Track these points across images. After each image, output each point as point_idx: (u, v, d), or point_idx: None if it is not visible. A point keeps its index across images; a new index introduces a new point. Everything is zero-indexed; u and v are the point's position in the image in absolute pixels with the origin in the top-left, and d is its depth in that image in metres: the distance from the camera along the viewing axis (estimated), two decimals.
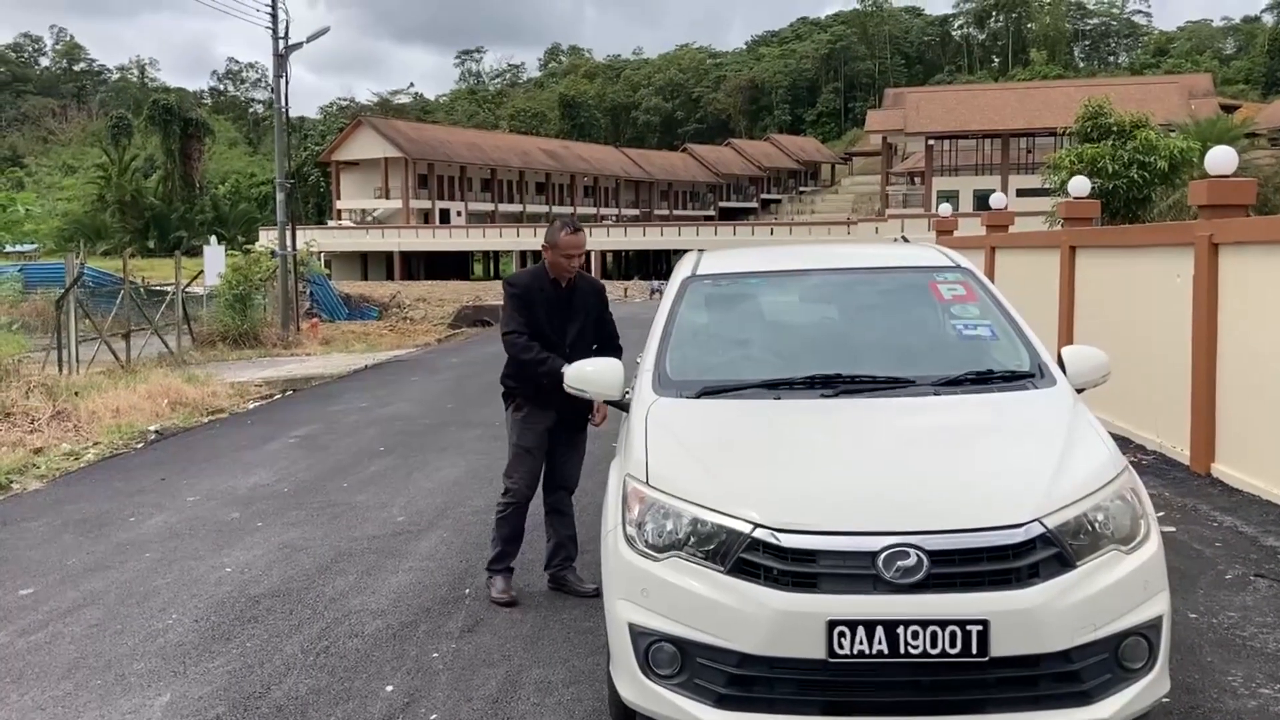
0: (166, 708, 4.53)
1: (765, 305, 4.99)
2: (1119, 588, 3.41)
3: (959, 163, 68.95)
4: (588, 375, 4.51)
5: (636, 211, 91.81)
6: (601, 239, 67.36)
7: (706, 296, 4.94)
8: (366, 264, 70.81)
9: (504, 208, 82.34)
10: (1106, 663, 3.39)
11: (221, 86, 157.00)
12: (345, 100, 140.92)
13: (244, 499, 8.48)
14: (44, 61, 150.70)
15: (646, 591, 3.56)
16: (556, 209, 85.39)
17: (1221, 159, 8.59)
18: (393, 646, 5.16)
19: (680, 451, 3.84)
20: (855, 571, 3.33)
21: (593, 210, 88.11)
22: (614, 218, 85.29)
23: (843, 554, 3.35)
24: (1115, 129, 21.54)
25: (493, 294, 43.16)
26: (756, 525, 3.42)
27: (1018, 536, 3.34)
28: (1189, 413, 8.67)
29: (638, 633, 3.56)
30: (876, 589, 3.31)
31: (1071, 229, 11.84)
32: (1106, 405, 10.73)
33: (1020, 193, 61.39)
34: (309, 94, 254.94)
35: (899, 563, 3.30)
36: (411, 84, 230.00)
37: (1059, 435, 3.79)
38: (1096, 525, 3.49)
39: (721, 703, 3.41)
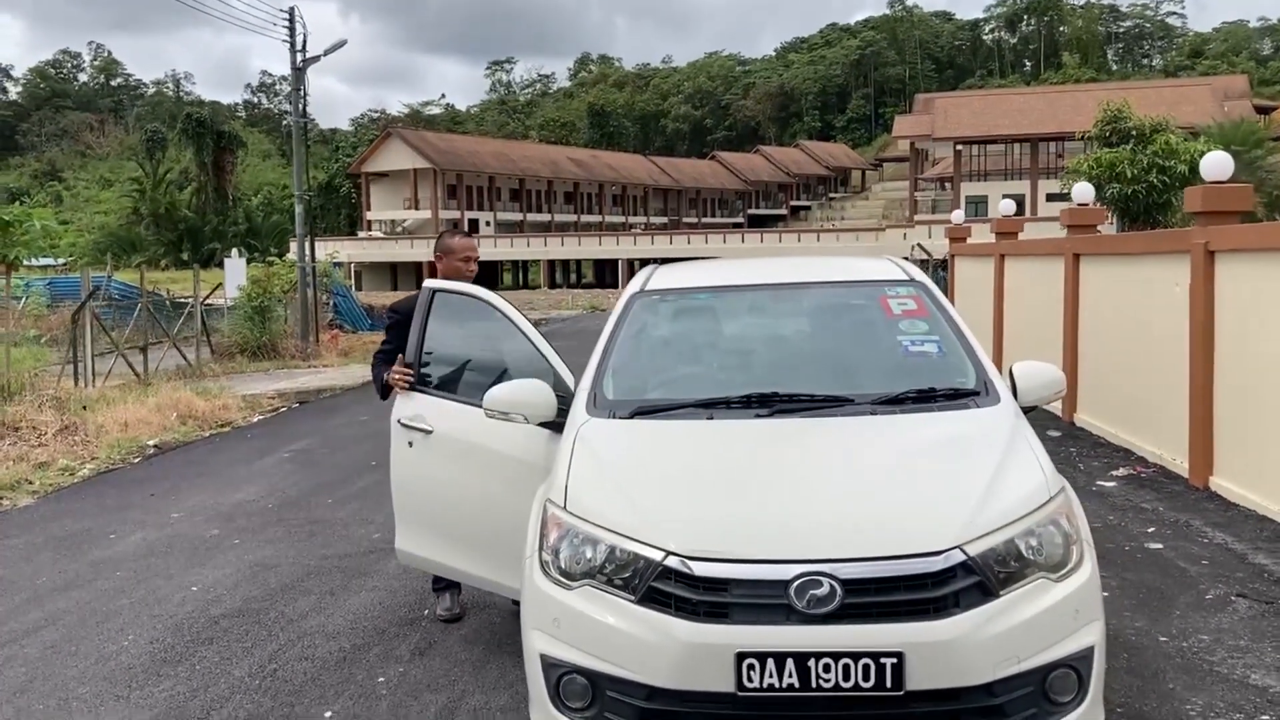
0: None
1: (710, 321, 4.86)
2: (1046, 618, 3.27)
3: (988, 168, 68.37)
4: (508, 398, 4.34)
5: (665, 220, 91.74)
6: (629, 247, 67.33)
7: (651, 312, 4.83)
8: (396, 275, 71.18)
9: (532, 217, 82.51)
10: (1032, 696, 3.25)
11: (255, 99, 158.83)
12: (376, 112, 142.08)
13: (227, 515, 8.44)
14: (82, 77, 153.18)
15: (558, 621, 3.45)
16: (585, 218, 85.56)
17: (1216, 165, 8.38)
18: (341, 670, 5.08)
19: (601, 476, 3.74)
20: (767, 601, 3.21)
21: (621, 219, 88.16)
22: (642, 226, 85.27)
23: (754, 583, 3.24)
24: (1135, 133, 21.20)
25: (517, 303, 43.14)
26: (669, 553, 3.31)
27: (936, 565, 3.21)
28: (1187, 425, 8.45)
29: (549, 664, 3.46)
30: (789, 619, 3.19)
31: (1075, 236, 11.62)
32: (1110, 417, 10.56)
33: (1050, 197, 60.75)
34: (342, 105, 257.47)
35: (811, 592, 3.18)
36: (443, 95, 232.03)
37: (993, 457, 3.65)
38: (1025, 552, 3.35)
39: None
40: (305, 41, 25.80)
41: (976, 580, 3.23)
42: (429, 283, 5.20)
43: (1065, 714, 3.29)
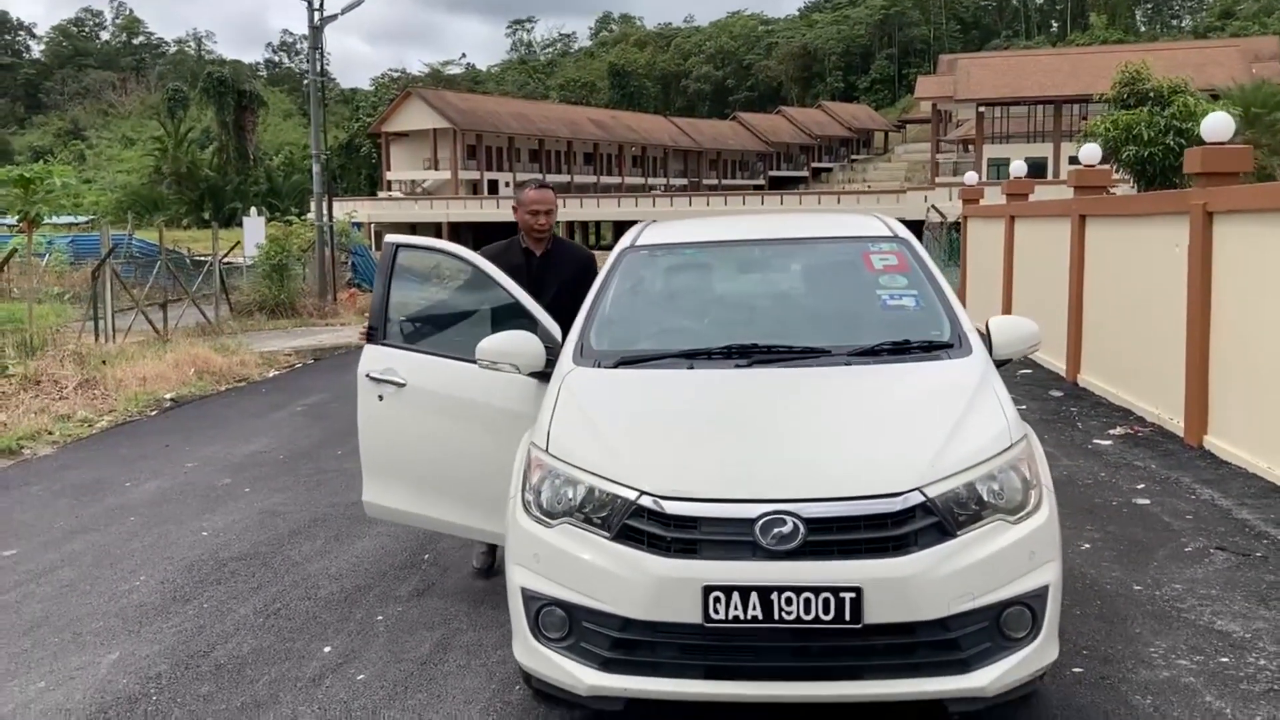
0: (113, 665, 4.70)
1: (697, 275, 5.00)
2: (1002, 557, 3.41)
3: (1010, 130, 67.69)
4: (499, 349, 4.47)
5: (685, 181, 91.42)
6: (649, 209, 67.23)
7: (641, 267, 4.97)
8: (415, 234, 71.25)
9: (552, 178, 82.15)
10: (986, 632, 3.40)
11: (276, 58, 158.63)
12: (397, 71, 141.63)
13: (238, 465, 8.67)
14: (104, 35, 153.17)
15: (538, 557, 3.63)
16: (604, 179, 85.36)
17: (1216, 126, 8.41)
18: (341, 609, 5.29)
19: (582, 421, 3.89)
20: (734, 538, 3.37)
21: (641, 180, 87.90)
22: (662, 187, 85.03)
23: (722, 521, 3.39)
24: (1153, 95, 21.05)
25: None
26: (642, 493, 3.47)
27: (896, 505, 3.36)
28: (1183, 385, 8.54)
29: (529, 596, 3.63)
30: (754, 555, 3.35)
31: (1082, 198, 11.65)
32: (1112, 377, 10.65)
33: (1072, 160, 60.27)
34: (362, 64, 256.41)
35: (775, 530, 3.33)
36: (463, 54, 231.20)
37: (959, 405, 3.78)
38: (985, 495, 3.49)
39: (606, 666, 3.49)
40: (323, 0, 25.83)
41: (935, 521, 3.38)
42: (390, 238, 5.31)
43: (1019, 649, 3.44)
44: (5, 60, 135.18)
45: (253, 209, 36.53)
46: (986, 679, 3.37)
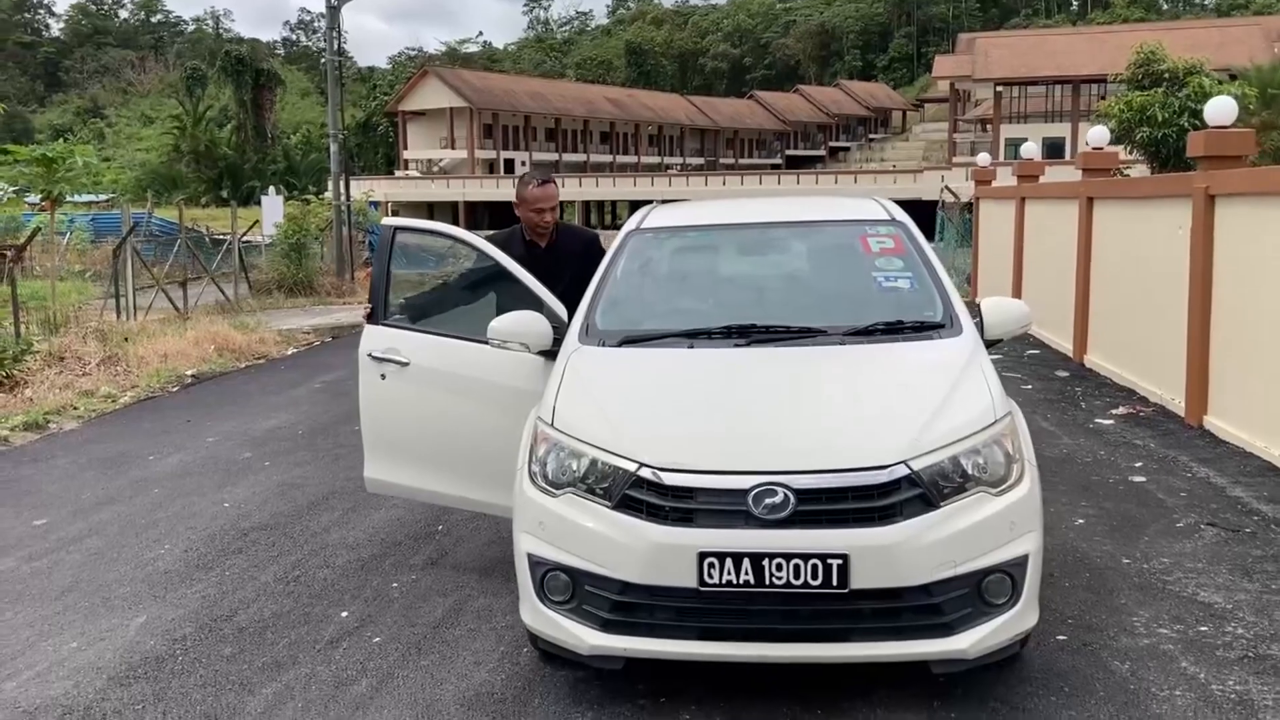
0: (140, 627, 4.93)
1: (700, 257, 5.18)
2: (983, 528, 3.59)
3: (1028, 110, 67.36)
4: (510, 328, 4.65)
5: (702, 161, 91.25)
6: (664, 188, 67.18)
7: (645, 249, 5.14)
8: (432, 214, 71.40)
9: (568, 157, 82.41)
10: (968, 598, 3.58)
11: (294, 37, 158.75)
12: (414, 50, 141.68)
13: (259, 440, 8.91)
14: (123, 13, 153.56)
15: (543, 524, 3.82)
16: (621, 158, 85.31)
17: (1220, 109, 8.51)
18: (358, 577, 5.51)
19: (586, 397, 4.08)
20: (728, 508, 3.56)
21: (657, 159, 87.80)
22: (678, 167, 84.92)
23: (716, 491, 3.58)
24: (1167, 76, 21.00)
25: None
26: (642, 465, 3.66)
27: (882, 478, 3.54)
28: (1185, 366, 8.66)
29: (534, 562, 3.84)
30: (747, 524, 3.53)
31: (1089, 180, 11.74)
32: (1117, 358, 10.77)
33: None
34: (379, 43, 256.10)
35: (767, 500, 3.52)
36: (480, 33, 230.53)
37: (946, 382, 3.95)
38: (969, 468, 3.66)
39: (607, 627, 3.69)
40: None
41: (919, 492, 3.56)
42: (387, 221, 5.46)
43: (999, 615, 3.62)
44: (25, 39, 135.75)
45: (271, 188, 36.77)
46: (968, 642, 3.56)
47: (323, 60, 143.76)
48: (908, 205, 5.64)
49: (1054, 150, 60.05)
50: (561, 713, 3.90)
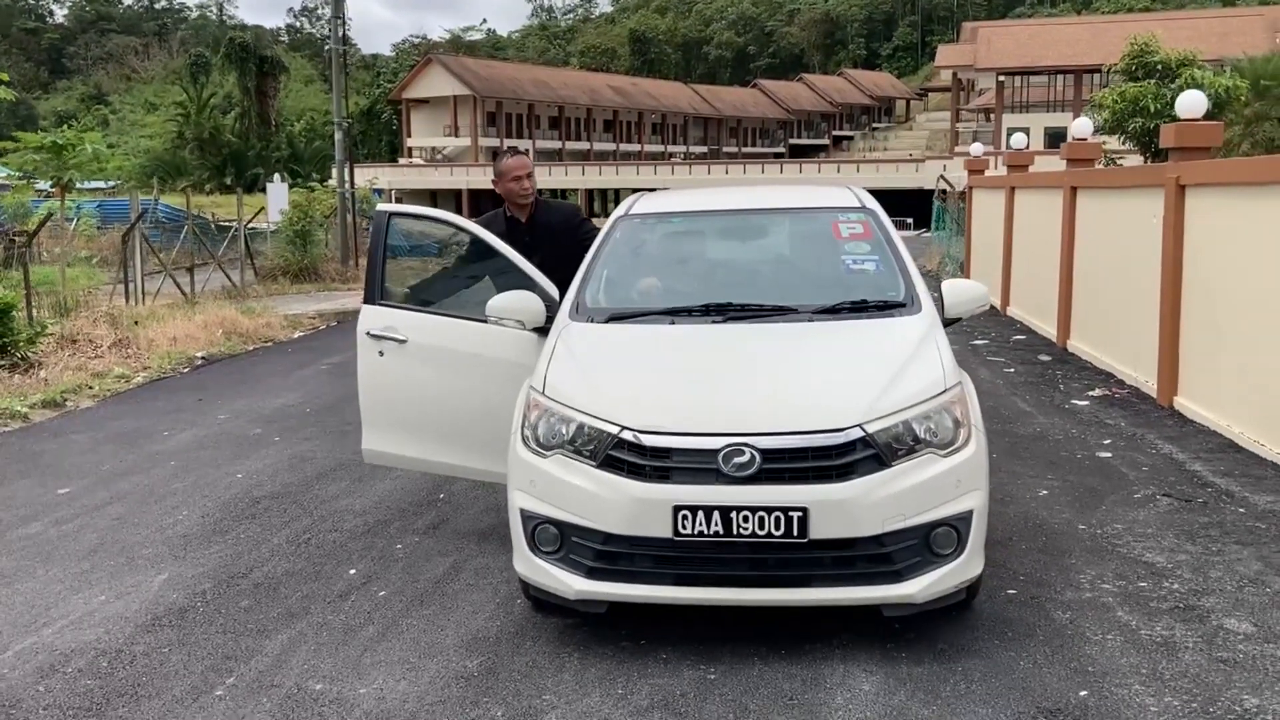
0: (163, 583, 5.32)
1: (682, 242, 5.56)
2: (930, 485, 3.97)
3: (1031, 99, 67.56)
4: (507, 306, 5.03)
5: (705, 149, 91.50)
6: (668, 177, 67.49)
7: (633, 233, 5.52)
8: (435, 202, 71.70)
9: (571, 145, 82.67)
10: (916, 548, 3.97)
11: (297, 24, 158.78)
12: (418, 37, 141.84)
13: (268, 418, 9.30)
14: (126, 0, 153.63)
15: (534, 482, 4.21)
16: (624, 147, 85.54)
17: (1190, 103, 8.86)
18: (364, 539, 5.90)
19: (575, 368, 4.47)
20: (700, 466, 3.95)
21: (660, 147, 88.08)
22: (681, 155, 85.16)
23: (690, 451, 3.97)
24: (1160, 67, 21.28)
25: None
26: (624, 428, 4.05)
27: (839, 439, 3.93)
28: (1157, 349, 9.03)
29: (526, 516, 4.23)
30: (717, 480, 3.92)
31: (1073, 170, 12.09)
32: (1096, 342, 11.14)
33: (1098, 129, 60.05)
34: (384, 30, 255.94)
35: (735, 459, 3.90)
36: (484, 20, 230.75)
37: (903, 355, 4.34)
38: (920, 432, 4.05)
39: (591, 574, 4.09)
40: None
41: (873, 453, 3.95)
42: (381, 206, 5.81)
43: (946, 564, 4.01)
44: (29, 25, 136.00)
45: (276, 175, 37.09)
46: (916, 588, 3.95)
47: (326, 47, 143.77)
48: (909, 194, 6.01)
49: (1056, 140, 60.24)
50: (551, 653, 4.29)
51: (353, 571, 5.40)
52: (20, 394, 10.15)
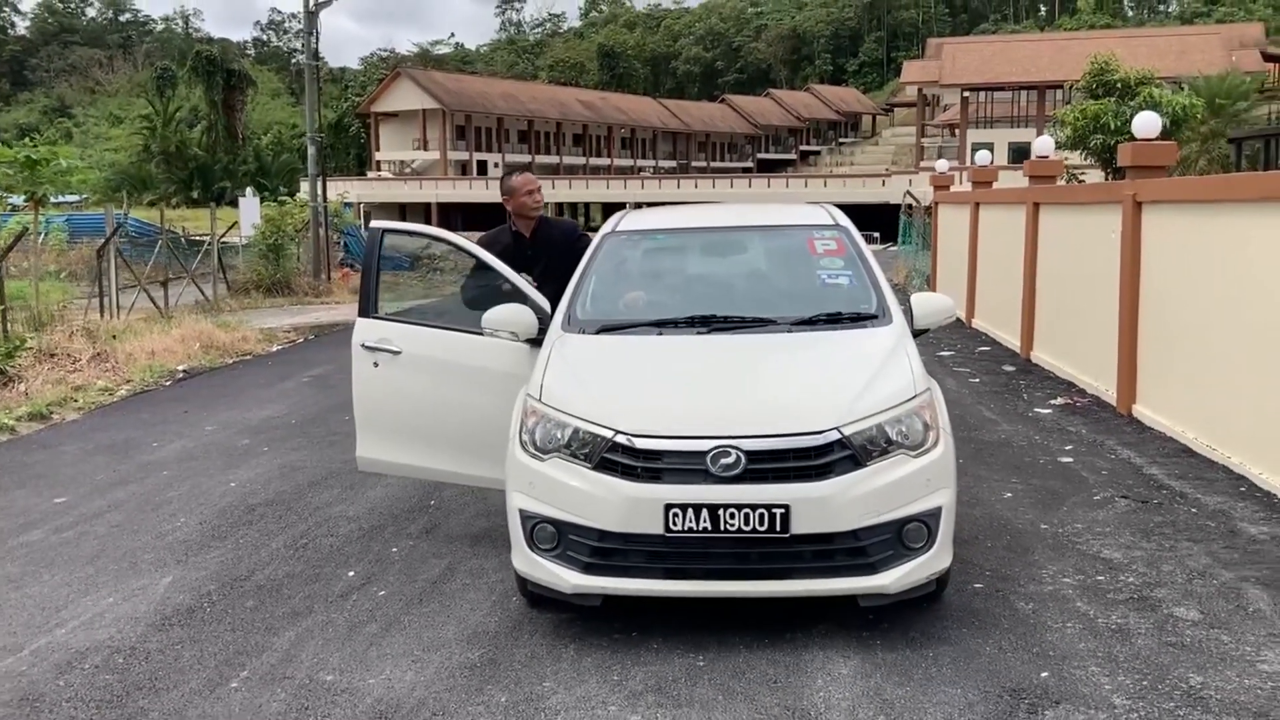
0: (169, 585, 5.53)
1: (667, 257, 5.87)
2: (902, 484, 4.28)
3: (995, 114, 68.63)
4: (503, 319, 5.30)
5: (674, 163, 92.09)
6: (637, 191, 67.90)
7: (620, 249, 5.82)
8: (405, 215, 71.63)
9: (541, 159, 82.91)
10: (890, 542, 4.28)
11: (264, 37, 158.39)
12: (386, 51, 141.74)
13: (255, 428, 9.50)
14: (90, 12, 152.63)
15: (533, 484, 4.48)
16: (593, 161, 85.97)
17: (1146, 123, 9.27)
18: (360, 543, 6.13)
19: (569, 376, 4.74)
20: (690, 467, 4.23)
21: (629, 162, 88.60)
22: (651, 169, 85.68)
23: (680, 454, 4.26)
24: (1119, 85, 21.91)
25: None
26: (618, 432, 4.33)
27: (818, 441, 4.23)
28: (1116, 358, 9.41)
29: (525, 516, 4.49)
30: (705, 480, 4.21)
31: (1035, 186, 12.51)
32: (1059, 353, 11.53)
33: (1060, 145, 61.13)
34: (351, 44, 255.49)
35: (722, 460, 4.19)
36: (452, 34, 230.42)
37: (875, 363, 4.65)
38: (892, 435, 4.36)
39: (587, 570, 4.36)
40: None
41: (849, 454, 4.25)
42: (375, 223, 6.06)
43: (917, 557, 4.32)
44: None
45: (248, 189, 37.12)
46: (890, 579, 4.25)
47: (294, 60, 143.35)
48: (876, 208, 6.30)
49: (1019, 155, 61.21)
50: (548, 645, 4.55)
51: (351, 573, 5.63)
52: (4, 407, 10.28)
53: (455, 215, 72.25)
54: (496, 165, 78.82)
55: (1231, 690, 3.96)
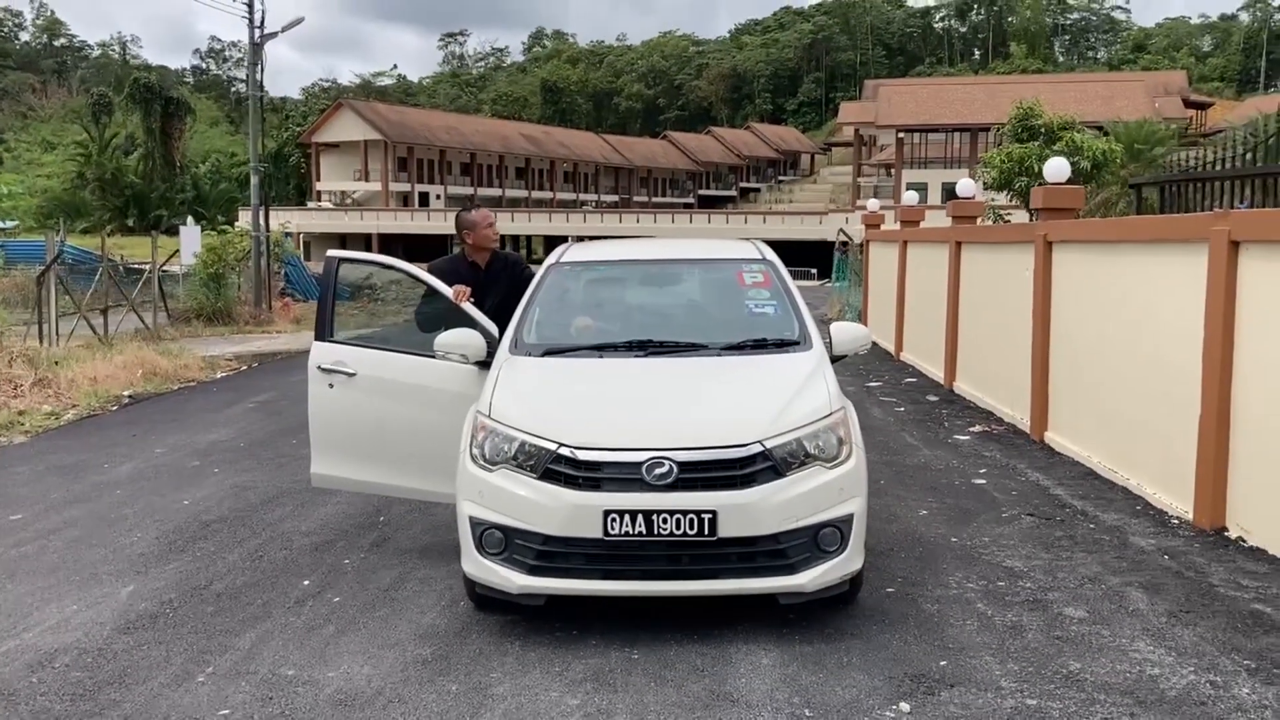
0: (130, 594, 5.80)
1: (607, 287, 6.33)
2: (818, 492, 4.74)
3: (929, 155, 70.28)
4: (454, 342, 5.71)
5: (616, 198, 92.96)
6: (580, 225, 68.47)
7: (563, 280, 6.25)
8: (345, 246, 71.34)
9: (483, 192, 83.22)
10: (807, 545, 4.72)
11: (204, 65, 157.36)
12: (328, 81, 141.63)
13: (204, 451, 9.74)
14: (24, 36, 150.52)
15: (482, 493, 4.87)
16: (536, 194, 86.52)
17: (1056, 169, 9.93)
18: (314, 556, 6.45)
19: (516, 394, 5.15)
20: (627, 476, 4.65)
21: (572, 196, 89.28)
22: (593, 203, 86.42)
23: (618, 464, 4.68)
24: (1043, 130, 22.87)
25: None
26: (561, 444, 4.74)
27: (743, 453, 4.68)
28: (1030, 389, 10.01)
29: (475, 523, 4.88)
30: (641, 488, 4.63)
31: (957, 226, 13.18)
32: (979, 384, 12.14)
33: (988, 186, 62.90)
34: (292, 73, 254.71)
35: (656, 470, 4.62)
36: (395, 65, 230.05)
37: (795, 384, 5.12)
38: (809, 448, 4.81)
39: (532, 571, 4.75)
40: (264, 17, 26.73)
41: (771, 465, 4.70)
42: (332, 252, 6.41)
43: (831, 559, 4.77)
44: None
45: (189, 218, 37.05)
46: (807, 579, 4.70)
47: (233, 89, 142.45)
48: (813, 245, 6.77)
49: (952, 195, 62.85)
50: (496, 642, 4.92)
51: (306, 583, 5.95)
52: None
53: (396, 246, 72.10)
54: (439, 197, 79.04)
55: (1104, 674, 4.46)
